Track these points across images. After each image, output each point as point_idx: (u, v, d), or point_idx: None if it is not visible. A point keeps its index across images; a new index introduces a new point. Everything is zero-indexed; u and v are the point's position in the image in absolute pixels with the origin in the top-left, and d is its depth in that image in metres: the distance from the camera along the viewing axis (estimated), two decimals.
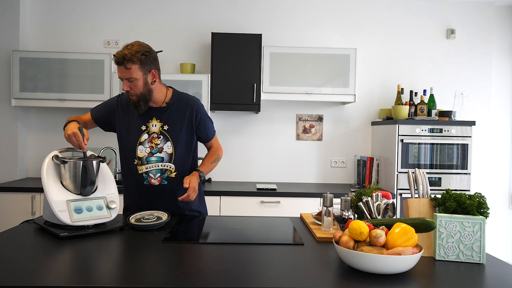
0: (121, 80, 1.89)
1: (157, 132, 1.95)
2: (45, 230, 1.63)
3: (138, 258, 1.37)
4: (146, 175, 1.96)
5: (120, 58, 1.80)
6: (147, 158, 1.95)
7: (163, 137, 1.96)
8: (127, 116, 1.98)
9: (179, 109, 1.99)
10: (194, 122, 2.01)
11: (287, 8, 3.75)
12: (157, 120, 1.96)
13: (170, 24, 3.71)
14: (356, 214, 1.67)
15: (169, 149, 1.96)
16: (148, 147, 1.95)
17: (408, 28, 3.79)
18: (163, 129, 1.96)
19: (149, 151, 1.95)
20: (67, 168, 1.67)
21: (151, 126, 1.96)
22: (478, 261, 1.35)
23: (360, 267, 1.20)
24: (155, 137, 1.95)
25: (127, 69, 1.82)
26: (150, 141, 1.95)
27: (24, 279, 1.13)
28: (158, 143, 1.95)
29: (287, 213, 3.03)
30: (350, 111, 3.80)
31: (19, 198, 3.09)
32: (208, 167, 2.08)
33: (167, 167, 1.96)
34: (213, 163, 2.11)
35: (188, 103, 2.01)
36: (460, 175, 3.27)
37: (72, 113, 3.67)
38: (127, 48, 1.82)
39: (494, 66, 3.87)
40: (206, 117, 2.07)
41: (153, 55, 1.92)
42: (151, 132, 1.95)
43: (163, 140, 1.96)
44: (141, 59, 1.83)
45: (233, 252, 1.45)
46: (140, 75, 1.85)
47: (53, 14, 3.67)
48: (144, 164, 1.95)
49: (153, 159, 1.95)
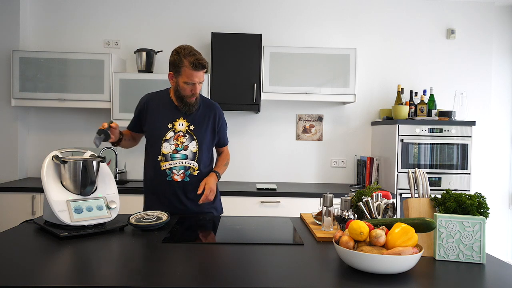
0: (188, 85, 1.97)
1: (183, 131, 2.05)
2: (45, 230, 1.63)
3: (138, 258, 1.37)
4: (169, 171, 2.03)
5: (205, 63, 1.94)
6: (172, 155, 2.03)
7: (189, 136, 2.05)
8: (154, 114, 2.08)
9: (204, 112, 2.11)
10: (217, 126, 2.14)
11: (287, 8, 3.75)
12: (184, 120, 2.06)
13: (170, 24, 3.71)
14: (356, 214, 1.67)
15: (194, 148, 2.05)
16: (173, 144, 2.03)
17: (408, 28, 3.79)
18: (189, 128, 2.06)
19: (174, 148, 2.03)
20: (67, 168, 1.67)
21: (177, 125, 2.05)
22: (478, 261, 1.35)
23: (360, 267, 1.20)
24: (181, 135, 2.04)
25: (204, 74, 1.99)
26: (175, 139, 2.03)
27: (24, 279, 1.13)
28: (184, 141, 2.04)
29: (287, 213, 3.03)
30: (350, 111, 3.80)
31: (19, 198, 3.09)
32: (222, 168, 2.21)
33: (191, 165, 2.05)
34: (225, 165, 2.25)
35: (212, 108, 2.15)
36: (460, 175, 3.27)
37: (72, 113, 3.67)
38: (198, 53, 1.96)
39: (494, 66, 3.87)
40: (225, 123, 2.22)
41: None
42: (177, 130, 2.04)
43: (188, 139, 2.05)
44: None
45: (233, 252, 1.45)
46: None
47: (53, 14, 3.67)
48: (168, 160, 2.03)
49: (177, 156, 2.03)
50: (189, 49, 1.95)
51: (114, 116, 3.33)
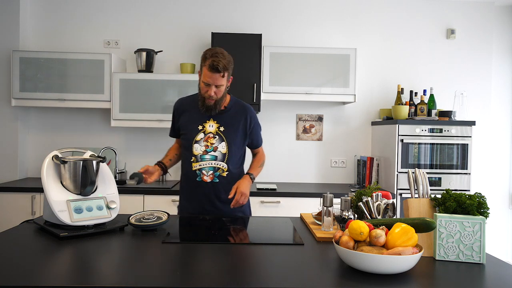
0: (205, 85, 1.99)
1: (213, 132, 2.07)
2: (45, 230, 1.63)
3: (138, 258, 1.37)
4: (199, 172, 2.06)
5: (222, 67, 1.93)
6: (202, 156, 2.06)
7: (219, 137, 2.07)
8: (185, 116, 2.13)
9: (235, 114, 2.13)
10: (248, 128, 2.14)
11: (287, 8, 3.75)
12: (214, 121, 2.08)
13: (170, 24, 3.71)
14: (356, 214, 1.67)
15: (223, 149, 2.06)
16: (203, 145, 2.06)
17: (408, 28, 3.79)
18: (219, 130, 2.08)
19: (204, 149, 2.06)
20: (67, 168, 1.67)
21: (207, 126, 2.07)
22: (478, 261, 1.35)
23: (360, 267, 1.20)
24: (211, 136, 2.07)
25: (222, 77, 1.97)
26: (205, 140, 2.06)
27: (24, 279, 1.13)
28: (213, 143, 2.06)
29: (287, 213, 3.03)
30: (350, 111, 3.80)
31: (19, 198, 3.09)
32: (257, 170, 2.21)
33: (220, 166, 2.07)
34: (260, 167, 2.24)
35: (244, 110, 2.15)
36: (460, 175, 3.27)
37: (72, 113, 3.67)
38: (223, 57, 1.95)
39: (494, 66, 3.87)
40: (258, 125, 2.22)
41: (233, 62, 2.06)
42: (207, 132, 2.07)
43: (218, 140, 2.06)
44: (231, 67, 2.02)
45: (233, 252, 1.45)
46: (225, 82, 2.01)
47: (53, 14, 3.67)
48: (198, 161, 2.06)
49: (207, 157, 2.06)
50: (215, 51, 1.97)
51: (114, 116, 3.33)
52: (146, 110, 3.34)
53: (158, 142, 3.70)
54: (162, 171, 2.12)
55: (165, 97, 3.35)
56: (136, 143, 3.71)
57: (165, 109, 3.34)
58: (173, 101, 3.33)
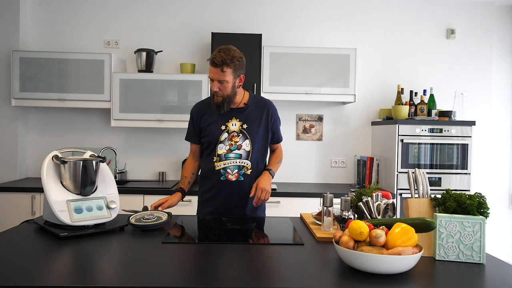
0: (212, 81, 1.99)
1: (236, 130, 2.06)
2: (45, 230, 1.63)
3: (138, 258, 1.37)
4: (223, 171, 2.05)
5: (220, 61, 1.91)
6: (226, 155, 2.05)
7: (242, 135, 2.06)
8: (207, 118, 2.10)
9: (256, 110, 2.12)
10: (270, 121, 2.14)
11: (287, 8, 3.75)
12: (236, 119, 2.07)
13: (170, 24, 3.71)
14: (356, 214, 1.67)
15: (247, 147, 2.06)
16: (228, 144, 2.05)
17: (408, 28, 3.79)
18: (242, 127, 2.07)
19: (228, 148, 2.05)
20: (67, 168, 1.67)
21: (230, 125, 2.07)
22: (478, 261, 1.35)
23: (360, 267, 1.20)
24: (235, 135, 2.06)
25: (223, 72, 1.94)
26: (230, 139, 2.06)
27: (24, 279, 1.13)
28: (237, 141, 2.06)
29: (287, 213, 3.03)
30: (350, 111, 3.80)
31: (19, 198, 3.09)
32: (275, 166, 2.20)
33: (245, 164, 2.06)
34: (278, 163, 2.23)
35: (265, 105, 2.15)
36: (460, 175, 3.27)
37: (72, 113, 3.67)
38: (224, 52, 1.93)
39: (494, 66, 3.87)
40: (278, 120, 2.21)
41: (244, 61, 2.03)
42: (230, 131, 2.06)
43: (242, 138, 2.06)
44: (236, 64, 1.96)
45: (233, 252, 1.45)
46: (231, 78, 1.97)
47: (53, 14, 3.67)
48: (222, 160, 2.05)
49: (231, 155, 2.05)
50: (222, 47, 1.97)
51: (114, 116, 3.33)
52: (146, 110, 3.34)
53: (158, 142, 3.71)
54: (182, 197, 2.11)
55: (165, 97, 3.35)
56: (136, 143, 3.71)
57: (165, 109, 3.34)
58: (173, 101, 3.36)
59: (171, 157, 3.73)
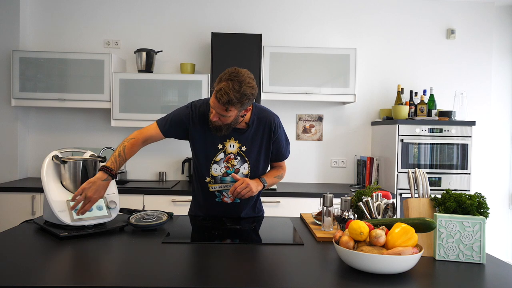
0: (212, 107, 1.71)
1: (234, 153, 1.87)
2: (45, 230, 1.63)
3: (138, 258, 1.37)
4: (218, 193, 1.92)
5: (225, 101, 1.62)
6: (222, 178, 1.88)
7: (240, 158, 1.88)
8: (202, 131, 1.86)
9: (257, 130, 1.89)
10: (271, 141, 1.91)
11: (287, 8, 3.75)
12: (235, 141, 1.87)
13: (170, 24, 3.71)
14: (356, 214, 1.67)
15: (245, 171, 1.89)
16: (224, 166, 1.87)
17: (408, 28, 3.79)
18: (241, 150, 1.87)
19: (225, 170, 1.88)
20: (67, 168, 1.67)
21: (228, 146, 1.87)
22: (478, 261, 1.35)
23: (360, 267, 1.20)
24: (232, 158, 1.87)
25: (227, 111, 1.66)
26: (226, 161, 1.87)
27: (24, 279, 1.13)
28: (235, 164, 1.88)
29: (287, 213, 3.03)
30: (350, 111, 3.80)
31: (19, 198, 3.09)
32: (272, 180, 1.98)
33: None
34: (276, 178, 2.00)
35: (266, 120, 1.89)
36: (460, 175, 3.27)
37: (72, 113, 3.67)
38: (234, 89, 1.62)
39: (494, 66, 3.87)
40: (282, 137, 1.96)
41: (256, 93, 1.73)
42: (227, 152, 1.87)
43: (240, 162, 1.88)
44: (244, 103, 1.68)
45: (233, 252, 1.45)
46: (235, 113, 1.71)
47: (53, 14, 3.67)
48: (217, 183, 1.89)
49: (227, 179, 1.89)
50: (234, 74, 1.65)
51: (114, 116, 3.33)
52: (146, 110, 3.34)
53: (158, 142, 3.68)
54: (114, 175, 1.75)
55: (165, 97, 3.35)
56: None
57: (165, 109, 3.34)
58: (173, 101, 3.36)
59: (171, 157, 3.73)
